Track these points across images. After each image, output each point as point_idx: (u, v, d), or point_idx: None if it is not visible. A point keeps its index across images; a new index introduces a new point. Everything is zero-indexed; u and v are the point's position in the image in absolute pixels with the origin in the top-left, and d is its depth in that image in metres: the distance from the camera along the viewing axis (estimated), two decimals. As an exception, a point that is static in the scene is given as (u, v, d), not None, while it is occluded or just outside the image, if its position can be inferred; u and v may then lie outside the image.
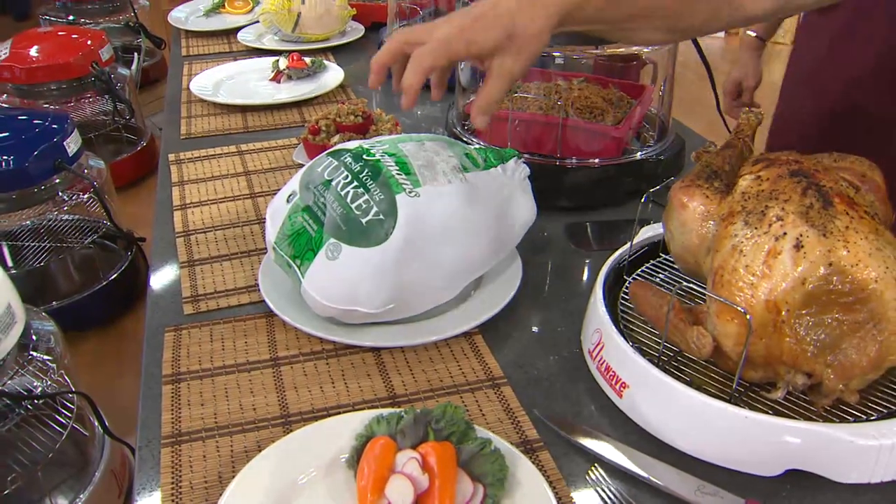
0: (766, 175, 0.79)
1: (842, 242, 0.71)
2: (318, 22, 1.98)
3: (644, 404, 0.80)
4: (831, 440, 0.71)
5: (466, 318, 0.94)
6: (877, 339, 0.72)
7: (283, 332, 0.96)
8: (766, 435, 0.73)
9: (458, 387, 0.88)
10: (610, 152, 1.22)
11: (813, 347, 0.73)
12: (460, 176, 0.92)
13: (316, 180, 0.93)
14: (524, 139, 1.23)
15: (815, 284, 0.71)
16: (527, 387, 0.88)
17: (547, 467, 0.77)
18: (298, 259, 0.91)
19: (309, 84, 1.73)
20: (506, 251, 1.00)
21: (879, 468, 0.72)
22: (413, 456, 0.71)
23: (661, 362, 0.82)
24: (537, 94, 1.28)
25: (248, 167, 1.38)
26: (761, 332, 0.73)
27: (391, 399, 0.86)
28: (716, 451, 0.76)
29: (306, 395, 0.87)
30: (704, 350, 0.76)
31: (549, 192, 1.22)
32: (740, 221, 0.76)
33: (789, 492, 0.75)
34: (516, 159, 1.00)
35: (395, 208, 0.87)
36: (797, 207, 0.74)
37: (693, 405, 0.75)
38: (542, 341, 0.95)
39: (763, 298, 0.72)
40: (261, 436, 0.82)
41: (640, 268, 0.97)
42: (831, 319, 0.72)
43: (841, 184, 0.77)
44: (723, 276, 0.75)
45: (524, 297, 1.02)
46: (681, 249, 0.85)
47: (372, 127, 1.34)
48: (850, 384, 0.74)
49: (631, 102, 1.30)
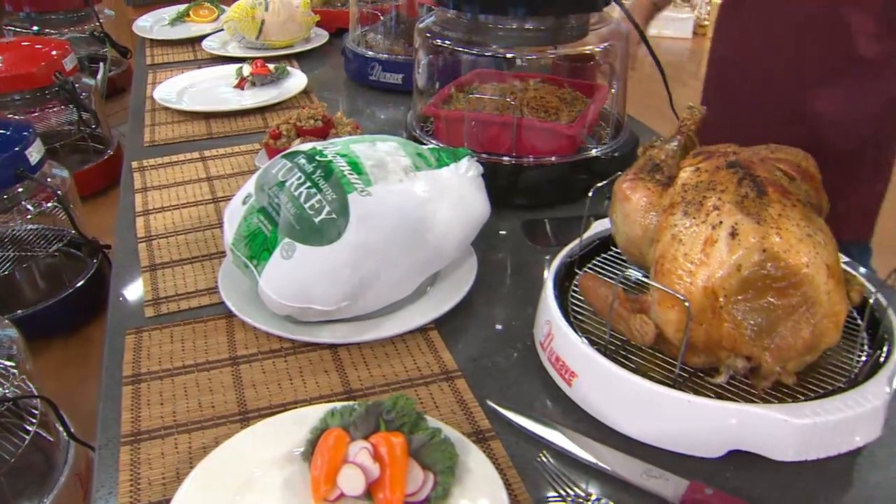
0: (705, 167, 0.81)
1: (774, 229, 0.74)
2: (282, 29, 1.99)
3: (592, 392, 0.82)
4: (769, 420, 0.74)
5: (421, 314, 0.96)
6: (810, 322, 0.75)
7: (242, 332, 0.98)
8: (707, 418, 0.76)
9: (413, 380, 0.89)
10: (565, 150, 1.24)
11: (750, 331, 0.75)
12: (412, 175, 0.94)
13: (270, 182, 0.94)
14: (480, 139, 1.26)
15: (751, 270, 0.74)
16: (480, 379, 0.90)
17: (498, 455, 0.79)
18: (255, 259, 0.93)
19: (272, 90, 1.75)
20: (460, 248, 1.02)
21: (815, 446, 0.74)
22: (364, 446, 0.73)
23: (609, 351, 0.84)
24: (493, 95, 1.30)
25: (210, 173, 1.40)
26: (701, 318, 0.75)
27: (347, 394, 0.88)
28: (661, 435, 0.78)
29: (264, 391, 0.88)
30: (647, 337, 0.78)
31: (506, 191, 1.24)
32: (680, 212, 0.78)
33: (732, 472, 0.77)
34: (469, 158, 1.02)
35: (346, 207, 0.89)
36: (733, 197, 0.76)
37: (638, 391, 0.78)
38: (496, 335, 0.97)
39: (701, 285, 0.74)
40: (219, 432, 0.83)
41: (592, 261, 0.99)
42: (767, 304, 0.75)
43: (775, 174, 0.80)
44: (663, 264, 0.77)
45: (480, 293, 1.05)
46: (625, 241, 0.87)
47: (332, 130, 1.36)
48: (787, 366, 0.77)
49: (585, 101, 1.33)
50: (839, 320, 0.76)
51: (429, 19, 1.33)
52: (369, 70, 1.77)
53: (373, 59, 1.76)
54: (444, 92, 1.34)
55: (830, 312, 0.75)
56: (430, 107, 1.32)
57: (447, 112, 1.30)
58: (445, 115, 1.30)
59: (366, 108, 1.74)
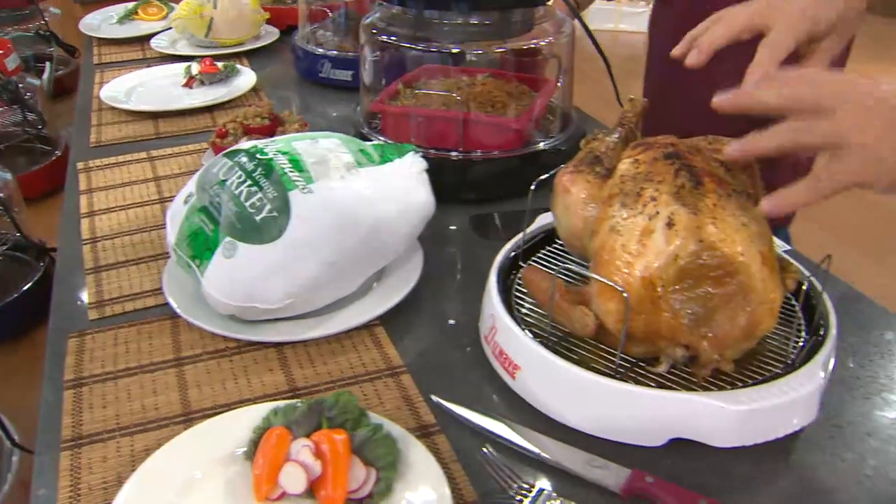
0: (643, 158, 0.82)
1: (710, 219, 0.75)
2: (231, 26, 1.98)
3: (535, 384, 0.82)
4: (707, 408, 0.74)
5: (367, 310, 0.96)
6: (746, 310, 0.76)
7: (187, 333, 0.97)
8: (647, 407, 0.76)
9: (358, 377, 0.89)
10: (512, 144, 1.25)
11: (688, 320, 0.76)
12: (354, 171, 0.94)
13: (211, 181, 0.94)
14: (427, 135, 1.26)
15: (687, 260, 0.74)
16: (426, 374, 0.90)
17: (442, 449, 0.79)
18: (197, 259, 0.92)
19: (221, 88, 1.73)
20: (405, 244, 1.02)
21: (753, 431, 0.76)
22: (306, 444, 0.73)
23: (551, 343, 0.84)
24: (440, 90, 1.30)
25: (158, 173, 1.38)
26: (639, 309, 0.76)
27: (292, 392, 0.88)
28: (603, 426, 0.79)
29: (209, 392, 0.88)
30: (587, 329, 0.79)
31: (454, 186, 1.25)
32: (618, 203, 0.79)
33: (673, 459, 0.78)
34: (413, 154, 1.02)
35: (287, 205, 0.89)
36: (670, 188, 0.77)
37: (580, 382, 0.78)
38: (443, 330, 0.97)
39: (639, 276, 0.75)
40: (162, 434, 0.82)
41: (536, 254, 1.00)
42: (704, 293, 0.76)
43: (712, 164, 0.81)
44: (602, 256, 0.78)
45: (428, 289, 1.05)
46: (567, 234, 0.88)
47: (279, 128, 1.35)
48: (725, 354, 0.78)
49: (532, 96, 1.34)
50: (774, 307, 0.77)
51: (374, 15, 1.32)
52: (319, 67, 1.76)
53: (322, 57, 1.76)
54: (390, 88, 1.34)
55: (766, 300, 0.76)
56: (376, 103, 1.32)
57: (394, 108, 1.30)
58: (392, 111, 1.30)
59: (316, 105, 1.73)
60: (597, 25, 6.13)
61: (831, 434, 0.82)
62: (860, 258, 3.13)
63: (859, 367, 0.91)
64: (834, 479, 0.76)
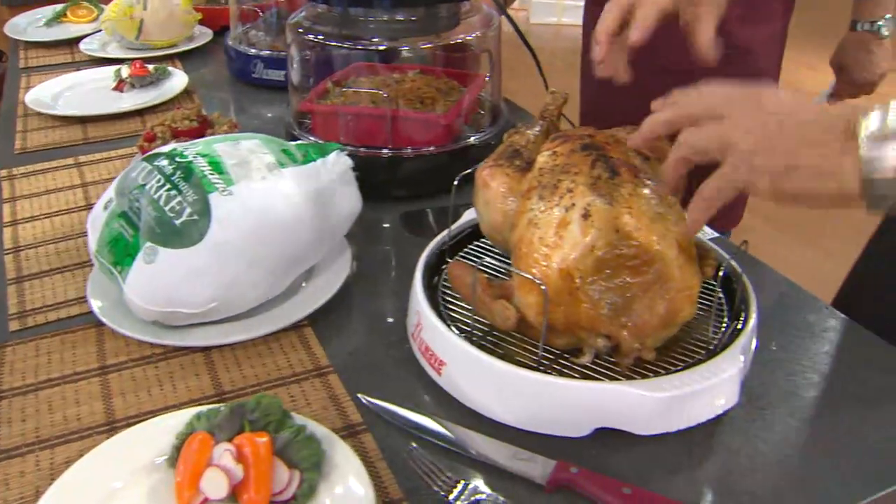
0: (561, 150, 0.82)
1: (626, 209, 0.75)
2: (162, 28, 1.95)
3: (460, 380, 0.82)
4: (629, 397, 0.75)
5: (294, 312, 0.95)
6: (665, 298, 0.77)
7: (112, 341, 0.95)
8: (571, 398, 0.77)
9: (285, 378, 0.89)
10: (442, 140, 1.25)
11: (607, 310, 0.76)
12: (276, 172, 0.93)
13: (130, 185, 0.92)
14: (356, 133, 1.25)
15: (604, 250, 0.75)
16: (354, 373, 0.89)
17: (369, 448, 0.79)
18: (119, 265, 0.91)
19: (153, 91, 1.71)
20: (332, 243, 1.01)
21: (675, 418, 0.76)
22: (228, 448, 0.72)
23: (476, 338, 0.84)
24: (370, 88, 1.30)
25: (86, 179, 1.36)
26: (559, 301, 0.76)
27: (219, 396, 0.87)
28: (529, 418, 0.79)
29: (133, 400, 0.86)
30: (509, 322, 0.79)
31: (385, 183, 1.24)
32: (535, 196, 0.79)
33: (599, 449, 0.78)
34: (338, 153, 1.02)
35: (208, 208, 0.88)
36: (586, 179, 0.78)
37: (503, 376, 0.78)
38: (372, 328, 0.97)
39: (557, 268, 0.75)
40: (84, 445, 0.81)
41: (463, 249, 1.00)
42: (622, 282, 0.76)
43: (629, 154, 0.81)
44: (521, 249, 0.78)
45: (358, 287, 1.04)
46: (489, 228, 0.88)
47: (209, 130, 1.34)
48: (645, 342, 0.78)
49: (462, 91, 1.33)
50: (693, 294, 0.78)
51: (300, 14, 1.31)
52: (252, 68, 1.74)
53: (255, 57, 1.74)
54: (319, 87, 1.33)
55: (684, 287, 0.77)
56: (304, 103, 1.31)
57: (322, 107, 1.29)
58: (320, 110, 1.29)
59: (251, 106, 1.72)
60: (539, 19, 6.16)
61: (754, 416, 0.83)
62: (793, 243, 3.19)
63: (782, 349, 0.92)
64: (757, 461, 0.78)
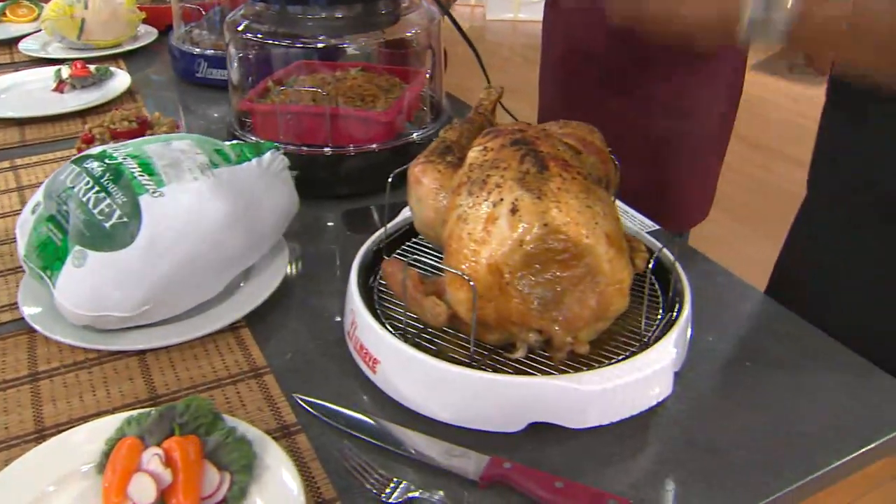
0: (492, 145, 0.82)
1: (554, 203, 0.75)
2: (105, 28, 1.92)
3: (394, 377, 0.82)
4: (560, 391, 0.75)
5: (229, 312, 0.95)
6: (595, 291, 0.77)
7: (44, 347, 0.93)
8: (503, 393, 0.77)
9: (221, 380, 0.88)
10: (383, 137, 1.24)
11: (537, 305, 0.76)
12: (208, 172, 0.92)
13: (58, 188, 0.91)
14: (298, 131, 1.24)
15: (533, 245, 0.75)
16: (291, 373, 0.89)
17: (302, 448, 0.78)
18: (48, 270, 0.89)
19: (94, 92, 1.68)
20: (268, 244, 1.00)
21: (608, 411, 0.77)
22: (156, 453, 0.71)
23: (410, 336, 0.84)
24: (310, 87, 1.29)
25: (22, 182, 1.34)
26: (489, 296, 0.76)
27: (152, 400, 0.86)
28: (463, 414, 0.79)
29: (64, 406, 0.85)
30: (439, 319, 0.78)
31: (326, 182, 1.24)
32: (465, 192, 0.79)
33: (534, 444, 0.78)
34: (273, 152, 1.01)
35: (138, 210, 0.87)
36: (515, 174, 0.77)
37: (436, 373, 0.78)
38: (310, 328, 0.96)
39: (485, 263, 0.75)
40: (11, 455, 0.79)
41: (401, 247, 0.99)
42: (552, 277, 0.76)
43: (559, 148, 0.81)
44: (451, 245, 0.78)
45: (298, 287, 1.04)
46: (422, 225, 0.88)
47: (148, 131, 1.32)
48: (578, 336, 0.79)
49: (404, 87, 1.33)
50: (624, 287, 0.79)
51: (238, 13, 1.30)
52: (196, 67, 1.72)
53: (199, 56, 1.72)
54: (260, 86, 1.32)
55: (614, 280, 0.77)
56: (244, 102, 1.30)
57: (261, 106, 1.28)
58: (260, 109, 1.28)
59: (196, 106, 1.70)
60: (496, 15, 6.17)
61: (689, 407, 0.83)
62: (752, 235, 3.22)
63: (718, 339, 0.93)
64: (690, 451, 0.78)
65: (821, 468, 0.76)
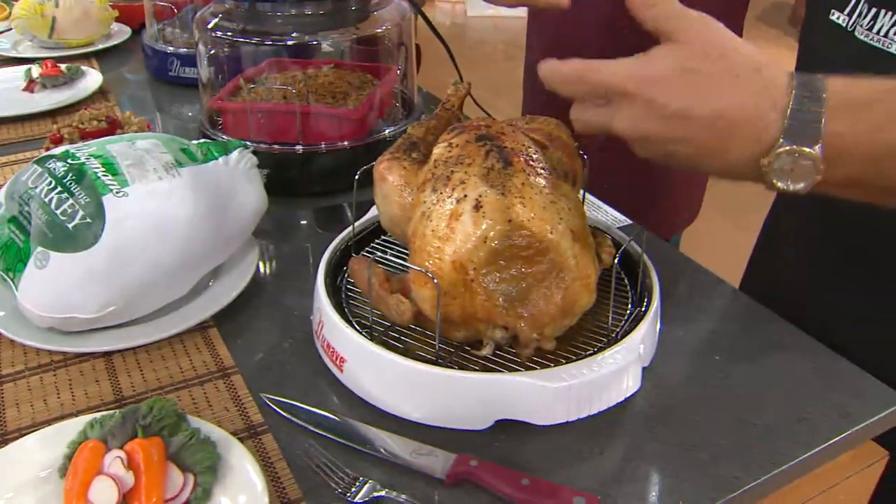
0: (456, 141, 0.82)
1: (518, 199, 0.75)
2: (77, 26, 1.90)
3: (362, 376, 0.81)
4: (526, 387, 0.75)
5: (197, 312, 0.94)
6: (561, 287, 0.76)
7: (9, 350, 0.92)
8: (470, 390, 0.76)
9: (188, 381, 0.87)
10: (355, 134, 1.23)
11: (502, 301, 0.76)
12: (173, 172, 0.91)
13: (20, 189, 0.90)
14: (269, 130, 1.23)
15: (497, 241, 0.74)
16: (259, 373, 0.88)
17: (268, 449, 0.78)
18: (11, 272, 0.89)
19: (66, 92, 1.66)
20: (237, 242, 1.00)
21: (575, 408, 0.76)
22: (118, 455, 0.70)
23: (376, 334, 0.84)
24: (282, 84, 1.28)
25: (-9, 183, 1.32)
26: (454, 293, 0.76)
27: (118, 402, 0.85)
28: (429, 413, 0.78)
29: (28, 410, 0.84)
30: (405, 317, 0.78)
31: (298, 180, 1.23)
32: (429, 188, 0.79)
33: (502, 441, 0.78)
34: (240, 150, 1.00)
35: (101, 210, 0.86)
36: (479, 170, 0.77)
37: (401, 371, 0.77)
38: (280, 327, 0.95)
39: (449, 260, 0.75)
40: (-27, 459, 0.78)
41: (370, 244, 0.99)
42: (517, 273, 0.76)
43: (523, 144, 0.81)
44: (415, 242, 0.77)
45: (268, 286, 1.03)
46: (388, 222, 0.87)
47: (118, 131, 1.31)
48: (544, 332, 0.78)
49: (375, 84, 1.32)
50: (590, 283, 0.78)
51: (207, 10, 1.29)
52: (169, 66, 1.71)
53: (172, 55, 1.71)
54: (231, 84, 1.31)
55: (580, 276, 0.77)
56: (214, 100, 1.29)
57: (232, 104, 1.27)
58: (231, 107, 1.27)
59: (169, 105, 1.69)
60: (477, 12, 6.16)
61: (658, 402, 0.83)
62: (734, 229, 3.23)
63: (688, 333, 0.93)
64: (659, 447, 0.78)
65: (789, 461, 0.76)
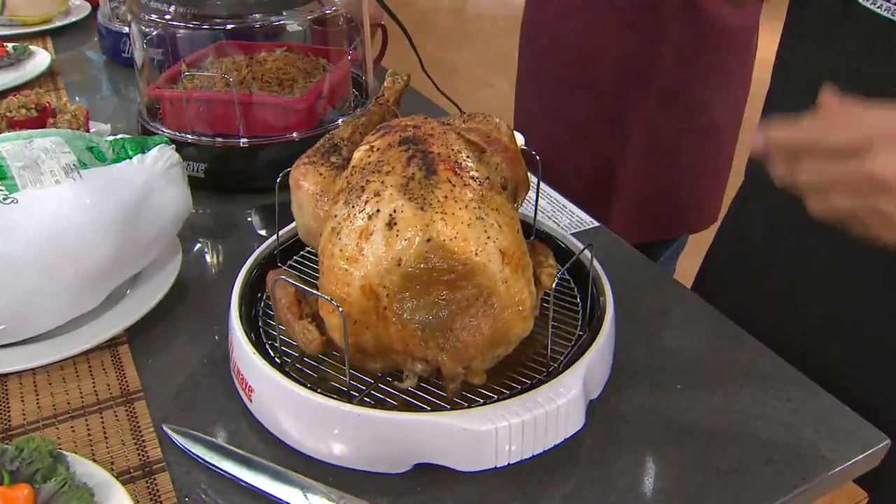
0: (378, 144, 0.72)
1: (440, 215, 0.65)
2: (30, 2, 1.80)
3: (270, 409, 0.73)
4: (448, 430, 0.66)
5: (105, 329, 0.85)
6: (489, 315, 0.67)
7: None
8: (382, 431, 0.67)
9: (87, 408, 0.78)
10: (301, 125, 1.14)
11: (420, 332, 0.67)
12: (74, 174, 0.82)
13: None
14: (210, 120, 1.14)
15: (413, 264, 0.65)
16: (166, 398, 0.79)
17: (162, 490, 0.69)
18: None
19: (10, 73, 1.56)
20: (155, 249, 0.90)
21: (501, 452, 0.67)
22: (-23, 507, 0.62)
23: (289, 360, 0.75)
24: (224, 70, 1.18)
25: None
26: (366, 322, 0.67)
27: (5, 433, 0.76)
28: (339, 454, 0.69)
29: None
30: (311, 346, 0.69)
31: (241, 175, 1.14)
32: (342, 200, 0.69)
33: (423, 486, 0.69)
34: (161, 147, 0.91)
35: (-13, 219, 0.77)
36: (398, 179, 0.67)
37: (309, 406, 0.68)
38: (198, 343, 0.86)
39: (358, 285, 0.65)
40: None
41: (299, 254, 0.90)
42: (437, 299, 0.66)
43: (454, 148, 0.71)
44: (323, 262, 0.68)
45: (192, 295, 0.94)
46: (305, 234, 0.78)
47: (50, 119, 1.22)
48: (471, 365, 0.69)
49: (327, 69, 1.23)
50: (525, 309, 0.69)
51: (143, -11, 1.19)
52: (122, 46, 1.61)
53: (126, 35, 1.61)
54: (171, 70, 1.21)
55: (511, 303, 0.67)
56: (151, 88, 1.19)
57: (169, 93, 1.17)
58: (168, 95, 1.17)
59: (126, 88, 1.59)
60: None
61: (607, 440, 0.74)
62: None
63: (649, 354, 0.84)
64: (605, 494, 0.69)
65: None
